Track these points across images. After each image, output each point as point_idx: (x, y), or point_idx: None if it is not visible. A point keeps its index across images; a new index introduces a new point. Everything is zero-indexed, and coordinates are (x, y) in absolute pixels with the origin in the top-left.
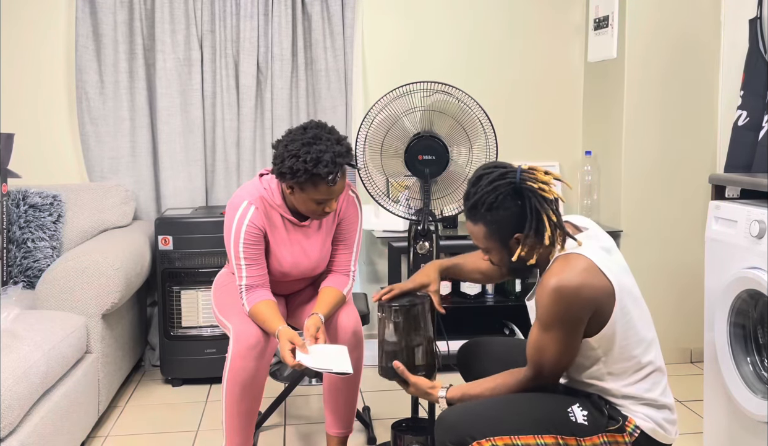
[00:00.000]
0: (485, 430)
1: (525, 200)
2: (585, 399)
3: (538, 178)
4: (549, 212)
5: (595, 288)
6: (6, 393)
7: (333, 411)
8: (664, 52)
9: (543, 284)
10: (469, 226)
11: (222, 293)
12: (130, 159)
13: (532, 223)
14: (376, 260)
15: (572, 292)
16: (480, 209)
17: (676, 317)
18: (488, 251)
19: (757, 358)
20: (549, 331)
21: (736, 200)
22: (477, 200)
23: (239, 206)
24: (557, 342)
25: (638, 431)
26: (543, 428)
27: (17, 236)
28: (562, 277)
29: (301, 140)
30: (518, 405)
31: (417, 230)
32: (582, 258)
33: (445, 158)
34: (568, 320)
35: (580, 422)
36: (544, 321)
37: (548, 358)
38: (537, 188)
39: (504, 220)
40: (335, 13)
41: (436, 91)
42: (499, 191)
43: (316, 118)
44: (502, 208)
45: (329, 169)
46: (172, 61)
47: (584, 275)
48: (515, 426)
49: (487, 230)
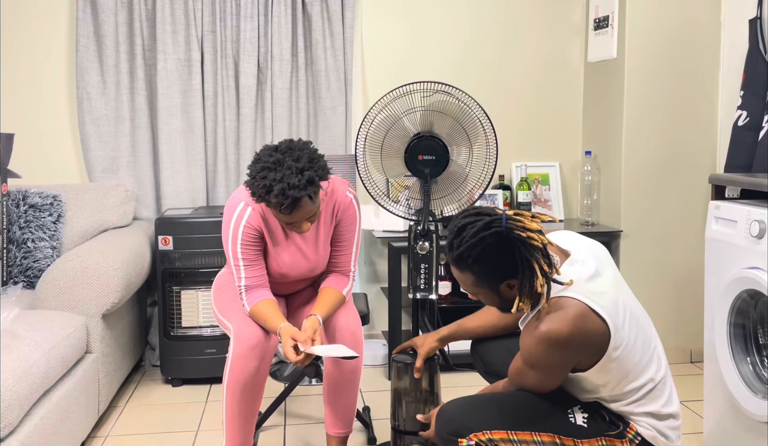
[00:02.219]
0: (483, 424)
1: (513, 248)
2: (586, 403)
3: (525, 226)
4: (540, 260)
5: (587, 334)
6: (6, 393)
7: (333, 411)
8: (664, 52)
9: (532, 326)
10: (456, 273)
11: (222, 293)
12: (130, 159)
13: (524, 272)
14: (376, 260)
15: (561, 342)
16: (467, 261)
17: (676, 318)
18: (476, 295)
19: (757, 358)
20: (531, 370)
21: (736, 200)
22: (462, 252)
23: (236, 208)
24: (538, 378)
25: (639, 438)
26: (541, 426)
27: (17, 236)
28: (553, 326)
29: (263, 162)
30: (518, 401)
31: (417, 231)
32: (574, 304)
33: (445, 158)
34: (553, 366)
35: (579, 424)
36: (528, 361)
37: (527, 387)
38: (525, 238)
39: (492, 269)
40: (335, 13)
41: (436, 91)
42: (486, 242)
43: (316, 118)
44: (490, 258)
45: (279, 200)
46: (173, 61)
47: (575, 323)
48: (513, 421)
49: (476, 279)
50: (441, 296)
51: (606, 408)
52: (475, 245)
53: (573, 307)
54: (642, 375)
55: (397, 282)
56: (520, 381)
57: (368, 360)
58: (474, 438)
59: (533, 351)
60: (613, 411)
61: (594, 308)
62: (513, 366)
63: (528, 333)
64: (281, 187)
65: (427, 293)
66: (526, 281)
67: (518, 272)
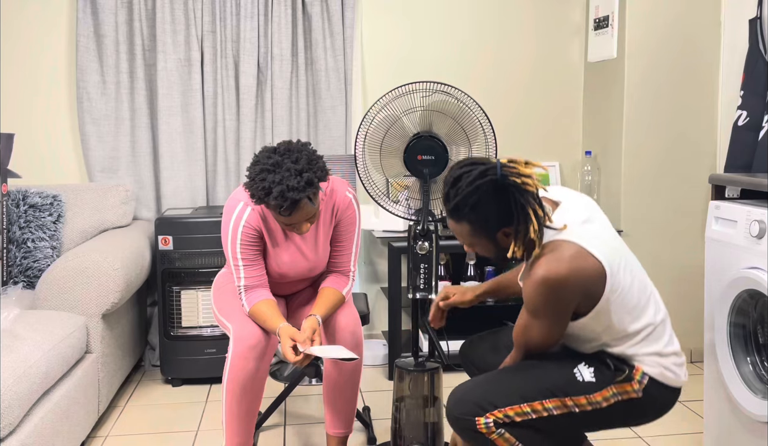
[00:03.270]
0: (495, 401)
1: (509, 195)
2: (590, 356)
3: (519, 172)
4: (534, 206)
5: (585, 274)
6: (6, 393)
7: (333, 411)
8: (664, 52)
9: (531, 273)
10: (452, 224)
11: (222, 293)
12: (130, 159)
13: (519, 218)
14: (376, 260)
15: (560, 283)
16: (464, 210)
17: (676, 317)
18: (473, 246)
19: (757, 358)
20: (535, 318)
21: (736, 200)
22: (459, 201)
23: (235, 208)
24: (543, 327)
25: (647, 377)
26: (551, 393)
27: (17, 236)
28: (550, 267)
29: (262, 164)
30: (525, 373)
31: (417, 231)
32: (569, 245)
33: (445, 158)
34: (556, 310)
35: (588, 380)
36: (531, 310)
37: (534, 341)
38: (520, 183)
39: (489, 217)
40: (335, 13)
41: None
42: (481, 190)
43: (316, 118)
44: (486, 206)
45: (278, 202)
46: (173, 61)
47: (572, 263)
48: (523, 393)
49: (472, 228)
50: None
51: (610, 355)
52: (471, 194)
53: (568, 248)
54: (641, 318)
55: (397, 282)
56: (526, 339)
57: (368, 360)
58: (491, 416)
59: (534, 297)
60: (617, 355)
61: (589, 249)
62: (517, 325)
63: (529, 283)
64: (280, 189)
65: (427, 293)
66: (521, 228)
67: (513, 220)
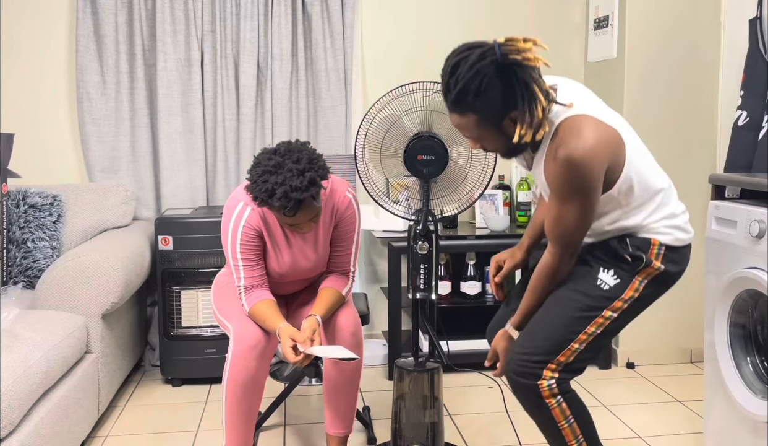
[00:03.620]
0: (544, 354)
1: (511, 74)
2: (604, 257)
3: (519, 47)
4: (539, 82)
5: (608, 143)
6: (6, 393)
7: (333, 411)
8: (664, 52)
9: (555, 157)
10: (456, 119)
11: (222, 293)
12: (130, 159)
13: (524, 98)
14: (376, 260)
15: (588, 157)
16: (467, 98)
17: (676, 317)
18: (480, 140)
19: (757, 358)
20: (568, 202)
21: (736, 200)
22: (461, 89)
23: (235, 208)
24: (578, 209)
25: (663, 248)
26: (589, 318)
27: (17, 236)
28: (574, 145)
29: (263, 166)
30: (556, 315)
31: (417, 231)
32: (583, 118)
33: (445, 158)
34: (588, 187)
35: (613, 285)
36: (562, 194)
37: (571, 227)
38: (521, 59)
39: (494, 102)
40: (335, 13)
41: (436, 91)
42: (483, 73)
43: (316, 118)
44: (490, 90)
45: (282, 203)
46: (173, 61)
47: (594, 135)
48: (565, 335)
49: (478, 118)
50: (441, 296)
51: (624, 245)
52: (473, 79)
53: (584, 122)
54: (656, 182)
55: (397, 282)
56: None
57: (368, 360)
58: (548, 372)
59: (563, 180)
60: (631, 240)
61: (602, 119)
62: (549, 220)
63: (553, 166)
64: (284, 190)
65: (427, 293)
66: (526, 108)
67: (518, 102)
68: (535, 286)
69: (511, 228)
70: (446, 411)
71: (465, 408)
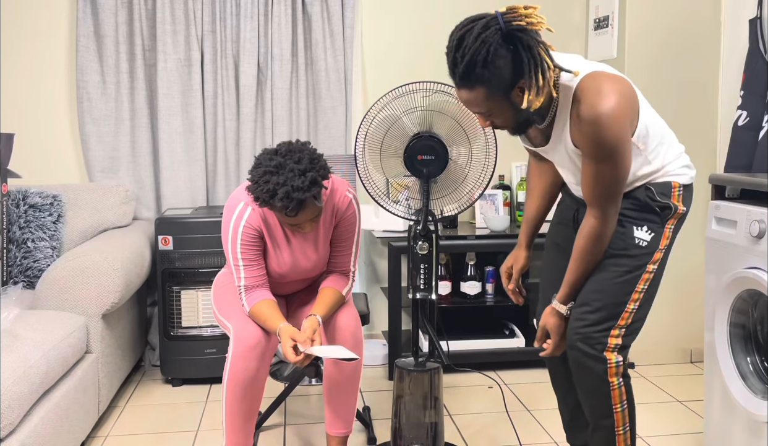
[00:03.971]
0: (605, 322)
1: (516, 42)
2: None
3: (521, 14)
4: (545, 46)
5: (629, 94)
6: (6, 393)
7: (333, 411)
8: (664, 52)
9: (580, 120)
10: (465, 94)
11: (222, 293)
12: (130, 159)
13: (530, 63)
14: (376, 260)
15: (615, 111)
16: (475, 70)
17: (676, 317)
18: (490, 114)
19: (757, 358)
20: (604, 161)
21: (736, 200)
22: (469, 60)
23: (236, 208)
24: (614, 165)
25: (681, 188)
26: (636, 277)
27: (17, 236)
28: (597, 103)
29: (265, 167)
30: (605, 283)
31: (417, 231)
32: (597, 75)
33: (445, 158)
34: (620, 139)
35: (650, 239)
36: (597, 154)
37: (609, 184)
38: (525, 25)
39: (502, 71)
40: (335, 13)
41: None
42: (489, 42)
43: (316, 118)
44: (498, 59)
45: (284, 204)
46: (173, 61)
47: (615, 88)
48: (619, 298)
49: (487, 90)
50: (441, 296)
51: (651, 193)
52: (479, 50)
53: (600, 78)
54: (659, 122)
55: (397, 282)
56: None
57: (368, 360)
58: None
59: (595, 141)
60: (655, 187)
61: (610, 71)
62: (585, 184)
63: (580, 130)
64: (285, 190)
65: (427, 293)
66: (533, 74)
67: (526, 69)
68: (582, 253)
69: (511, 228)
70: (446, 411)
71: (465, 408)
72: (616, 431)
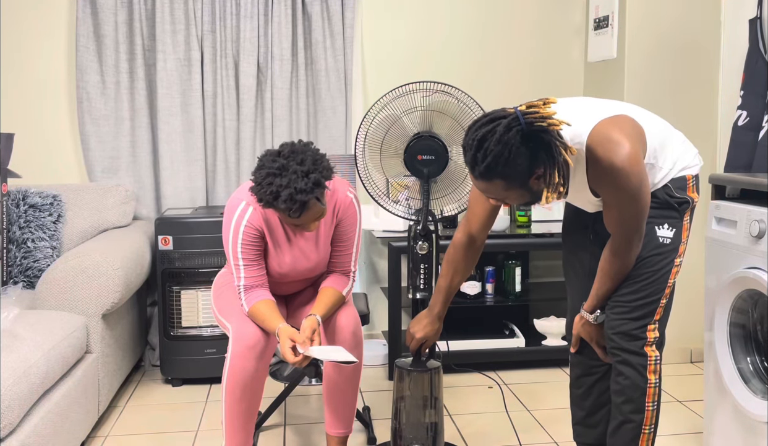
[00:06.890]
0: (642, 319)
1: (537, 140)
2: (652, 214)
3: (542, 114)
4: (564, 142)
5: (635, 134)
6: (6, 393)
7: (333, 411)
8: (664, 52)
9: (601, 173)
10: (483, 185)
11: (222, 293)
12: (130, 159)
13: (548, 158)
14: (376, 260)
15: (629, 158)
16: (496, 169)
17: (676, 317)
18: (506, 199)
19: (757, 358)
20: (627, 203)
21: (736, 200)
22: (490, 162)
23: (237, 207)
24: (636, 203)
25: (694, 179)
26: (666, 273)
27: (17, 236)
28: (610, 154)
29: (268, 168)
30: (639, 284)
31: (417, 230)
32: (601, 125)
33: (445, 158)
34: (639, 182)
35: (673, 235)
36: (619, 199)
37: (635, 221)
38: (546, 126)
39: (522, 167)
40: (335, 13)
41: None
42: (510, 144)
43: (316, 118)
44: (518, 158)
45: (287, 205)
46: (173, 61)
47: (621, 133)
48: (653, 295)
49: (506, 183)
50: None
51: (669, 190)
52: (501, 152)
53: (605, 127)
54: (658, 124)
55: (397, 282)
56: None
57: (368, 360)
58: (650, 334)
59: (616, 186)
60: (671, 183)
61: (609, 115)
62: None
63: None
64: (289, 192)
65: (427, 293)
66: (550, 173)
67: (543, 160)
68: (608, 274)
69: (511, 228)
70: (446, 411)
71: (465, 408)
72: (643, 429)
